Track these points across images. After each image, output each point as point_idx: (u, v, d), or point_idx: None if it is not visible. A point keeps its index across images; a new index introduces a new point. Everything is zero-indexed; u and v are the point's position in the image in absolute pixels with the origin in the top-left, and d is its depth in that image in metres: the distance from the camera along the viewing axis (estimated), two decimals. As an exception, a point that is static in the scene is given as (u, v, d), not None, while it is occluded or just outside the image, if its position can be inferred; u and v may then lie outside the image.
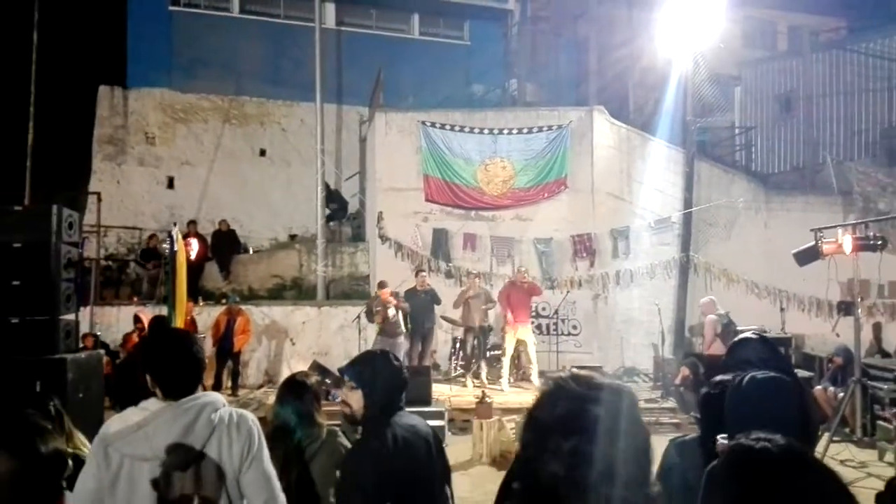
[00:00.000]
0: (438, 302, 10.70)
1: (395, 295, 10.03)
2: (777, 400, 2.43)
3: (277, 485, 2.36)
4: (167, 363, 2.31)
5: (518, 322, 10.33)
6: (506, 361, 10.39)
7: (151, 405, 2.26)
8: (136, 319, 10.15)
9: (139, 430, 2.19)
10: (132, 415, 2.25)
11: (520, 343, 10.54)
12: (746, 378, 2.49)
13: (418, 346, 10.45)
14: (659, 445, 2.91)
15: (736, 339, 3.00)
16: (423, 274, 10.96)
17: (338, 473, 2.55)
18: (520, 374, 11.04)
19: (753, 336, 3.16)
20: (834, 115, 16.62)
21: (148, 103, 15.94)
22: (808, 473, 1.40)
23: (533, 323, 11.11)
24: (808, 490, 1.36)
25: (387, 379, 2.52)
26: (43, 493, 1.36)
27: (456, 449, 7.90)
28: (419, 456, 2.43)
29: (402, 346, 9.84)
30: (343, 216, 15.22)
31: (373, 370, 2.54)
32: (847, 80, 16.45)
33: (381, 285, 10.17)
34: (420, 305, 10.44)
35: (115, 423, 2.25)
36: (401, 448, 2.39)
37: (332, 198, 14.71)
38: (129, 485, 2.19)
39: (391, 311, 9.70)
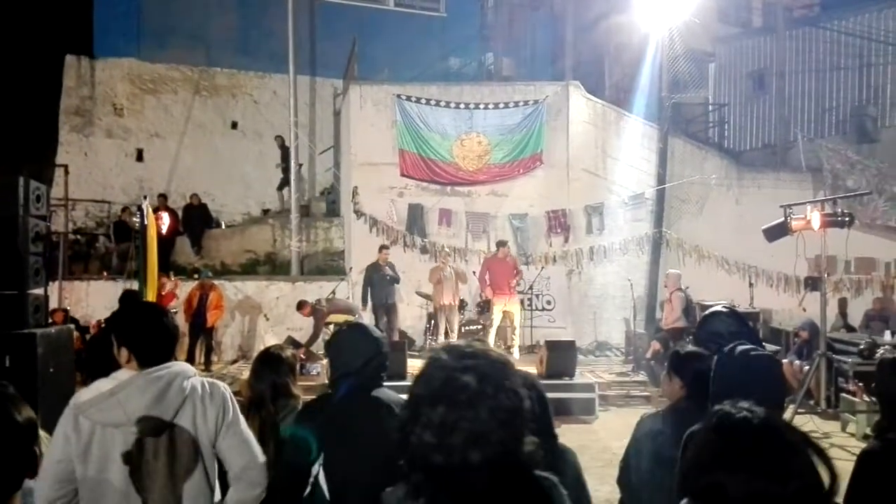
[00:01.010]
0: (397, 280, 10.86)
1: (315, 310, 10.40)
2: (764, 378, 2.48)
3: (256, 447, 2.37)
4: (141, 332, 2.31)
5: (503, 294, 10.40)
6: (491, 333, 10.46)
7: (122, 374, 2.25)
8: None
9: (111, 396, 2.17)
10: (103, 384, 2.23)
11: (507, 315, 10.60)
12: (738, 350, 2.54)
13: (383, 320, 10.51)
14: (630, 417, 2.97)
15: (707, 312, 3.05)
16: (386, 250, 11.05)
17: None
18: (505, 347, 11.14)
19: (724, 310, 3.22)
20: (806, 92, 16.81)
21: (116, 73, 15.54)
22: (785, 443, 1.44)
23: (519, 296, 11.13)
24: (783, 459, 1.41)
25: (345, 349, 2.54)
26: (20, 462, 1.35)
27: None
28: (366, 424, 2.39)
29: None
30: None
31: (336, 341, 2.62)
32: (819, 58, 16.62)
33: (300, 305, 10.57)
34: (382, 280, 10.60)
35: (86, 392, 2.24)
36: (342, 414, 2.40)
37: (286, 158, 14.26)
38: (102, 452, 2.18)
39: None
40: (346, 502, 2.36)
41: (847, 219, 8.10)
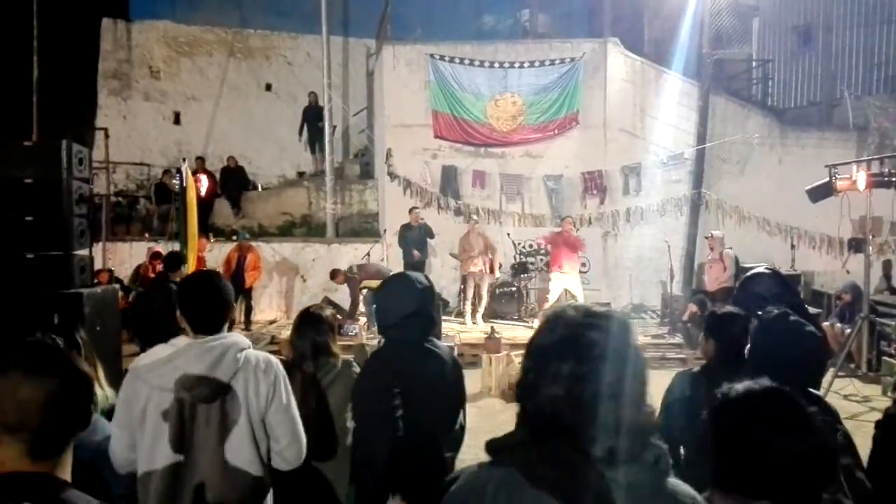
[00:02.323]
0: (432, 236, 11.16)
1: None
2: (802, 348, 2.43)
3: (300, 427, 2.43)
4: (196, 300, 2.37)
5: (562, 270, 10.30)
6: (546, 306, 10.33)
7: (179, 342, 2.33)
8: (155, 256, 10.24)
9: (169, 362, 2.26)
10: (161, 350, 2.32)
11: (568, 294, 10.45)
12: (779, 318, 2.48)
13: None
14: (665, 379, 2.96)
15: (749, 273, 2.99)
16: (417, 210, 11.25)
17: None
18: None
19: (766, 271, 3.15)
20: (854, 47, 16.10)
21: (151, 36, 15.63)
22: (799, 419, 1.44)
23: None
24: (792, 433, 1.41)
25: (387, 300, 2.60)
26: (81, 413, 1.39)
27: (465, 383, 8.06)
28: (426, 373, 2.47)
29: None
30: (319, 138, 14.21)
31: (380, 292, 2.69)
32: (868, 11, 15.85)
33: (333, 275, 10.65)
34: (413, 239, 10.89)
35: (145, 357, 2.33)
36: (403, 364, 2.46)
37: (313, 116, 14.21)
38: (157, 416, 2.26)
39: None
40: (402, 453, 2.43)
41: (894, 179, 7.84)
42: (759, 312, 2.63)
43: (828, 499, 1.45)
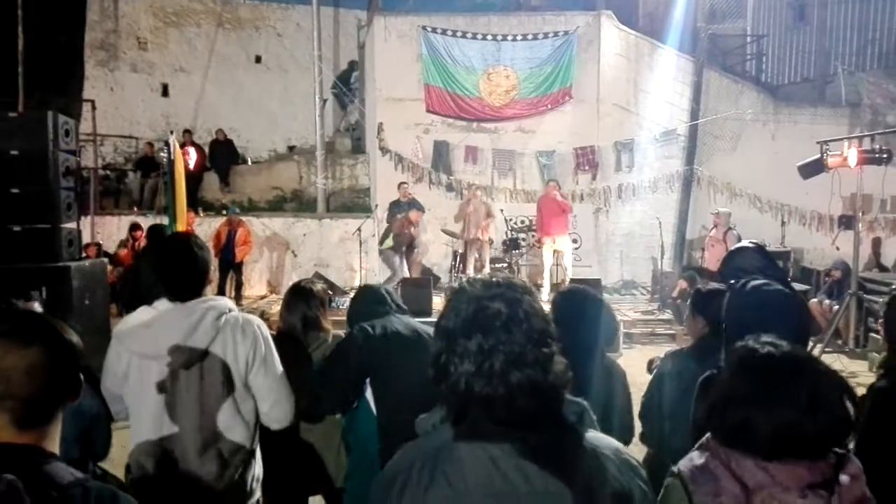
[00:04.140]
0: (422, 211, 10.91)
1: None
2: (779, 314, 2.42)
3: (286, 387, 2.41)
4: (171, 265, 2.34)
5: (551, 233, 10.39)
6: (545, 274, 10.50)
7: (162, 305, 2.29)
8: (134, 227, 10.15)
9: (146, 328, 2.24)
10: (143, 314, 2.29)
11: (557, 254, 10.59)
12: (750, 285, 2.48)
13: (402, 251, 10.58)
14: (655, 355, 2.98)
15: (733, 248, 2.99)
16: (405, 185, 11.08)
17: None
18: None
19: (749, 245, 3.16)
20: (848, 22, 16.01)
21: (139, 6, 15.34)
22: (810, 375, 1.45)
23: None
24: (811, 391, 1.41)
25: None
26: (67, 382, 1.39)
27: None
28: (408, 346, 2.72)
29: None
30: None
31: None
32: (864, -14, 15.76)
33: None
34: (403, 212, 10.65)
35: (128, 321, 2.31)
36: (387, 336, 2.75)
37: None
38: (139, 380, 2.25)
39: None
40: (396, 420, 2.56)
41: (885, 156, 7.86)
42: (731, 282, 2.63)
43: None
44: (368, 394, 2.77)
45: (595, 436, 1.29)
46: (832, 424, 1.40)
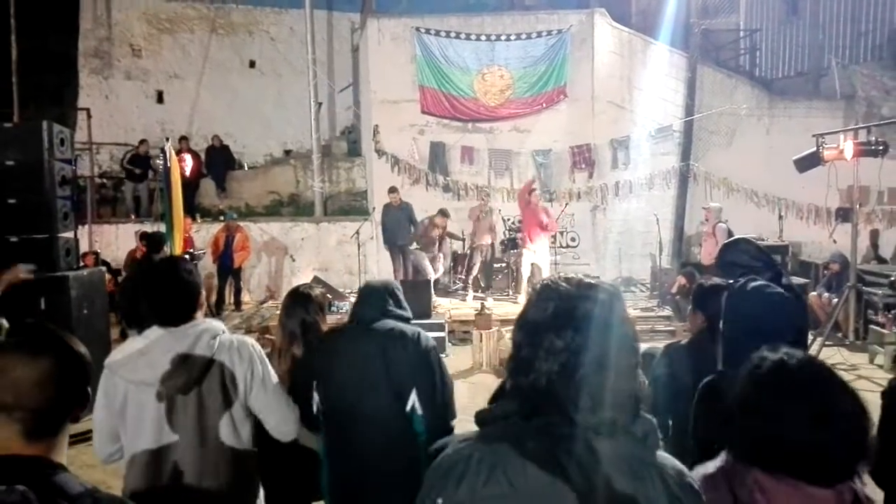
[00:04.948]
0: (414, 221, 10.62)
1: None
2: (778, 317, 2.42)
3: (287, 401, 2.41)
4: (159, 292, 2.31)
5: (534, 241, 10.13)
6: (522, 284, 10.25)
7: (152, 333, 2.27)
8: (141, 237, 10.13)
9: (141, 357, 2.22)
10: (135, 343, 2.28)
11: (534, 267, 10.26)
12: (750, 286, 2.47)
13: (399, 259, 10.52)
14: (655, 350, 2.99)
15: (726, 241, 3.00)
16: (394, 194, 10.67)
17: None
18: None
19: (742, 239, 3.17)
20: (841, 15, 16.04)
21: (132, 14, 15.32)
22: (829, 387, 1.41)
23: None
24: (828, 403, 1.38)
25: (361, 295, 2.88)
26: (77, 393, 1.41)
27: (456, 359, 8.10)
28: (367, 355, 2.67)
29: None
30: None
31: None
32: (855, -21, 15.78)
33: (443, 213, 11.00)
34: (394, 222, 10.45)
35: (119, 352, 2.29)
36: (344, 346, 2.73)
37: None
38: (138, 410, 2.23)
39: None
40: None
41: (881, 148, 7.87)
42: (731, 282, 2.63)
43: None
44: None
45: (661, 455, 1.25)
46: (846, 441, 1.36)
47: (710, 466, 1.49)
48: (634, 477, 1.17)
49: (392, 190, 10.79)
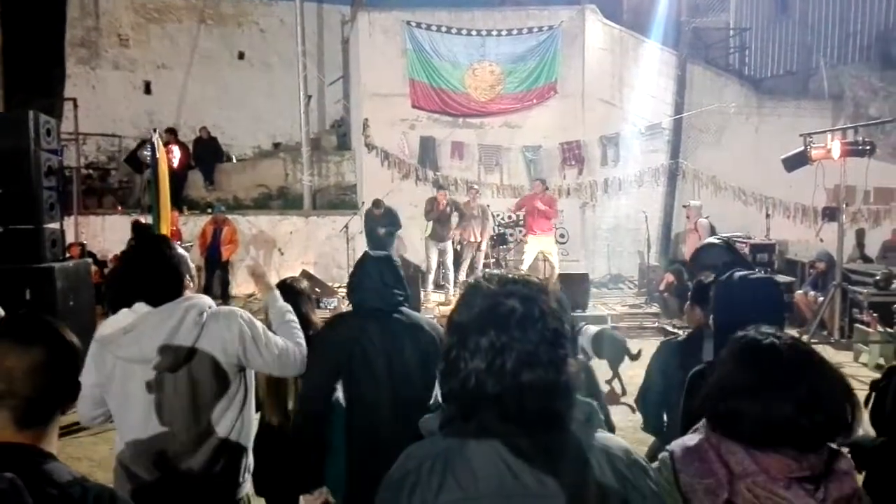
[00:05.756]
0: (396, 224, 10.58)
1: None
2: (765, 300, 2.49)
3: (283, 347, 2.35)
4: (143, 271, 2.29)
5: (535, 232, 10.34)
6: (523, 268, 10.41)
7: (141, 308, 2.24)
8: (133, 226, 10.05)
9: (128, 333, 2.18)
10: (123, 317, 2.24)
11: (543, 254, 10.51)
12: (736, 276, 2.54)
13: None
14: (643, 348, 3.02)
15: (699, 245, 3.04)
16: (377, 209, 10.62)
17: None
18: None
19: (717, 241, 3.23)
20: (830, 16, 16.14)
21: (120, 3, 15.15)
22: (812, 370, 1.46)
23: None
24: (810, 386, 1.42)
25: (358, 277, 2.78)
26: (68, 383, 1.42)
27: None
28: (394, 341, 2.59)
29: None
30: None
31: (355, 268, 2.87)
32: (844, -21, 15.88)
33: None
34: (373, 233, 10.45)
35: (108, 325, 2.25)
36: (365, 332, 2.60)
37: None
38: (123, 386, 2.21)
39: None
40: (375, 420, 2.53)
41: (868, 148, 7.94)
42: (715, 276, 2.68)
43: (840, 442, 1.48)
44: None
45: (605, 436, 1.27)
46: (828, 421, 1.40)
47: (691, 440, 1.51)
48: (580, 463, 1.20)
49: (375, 203, 10.71)
